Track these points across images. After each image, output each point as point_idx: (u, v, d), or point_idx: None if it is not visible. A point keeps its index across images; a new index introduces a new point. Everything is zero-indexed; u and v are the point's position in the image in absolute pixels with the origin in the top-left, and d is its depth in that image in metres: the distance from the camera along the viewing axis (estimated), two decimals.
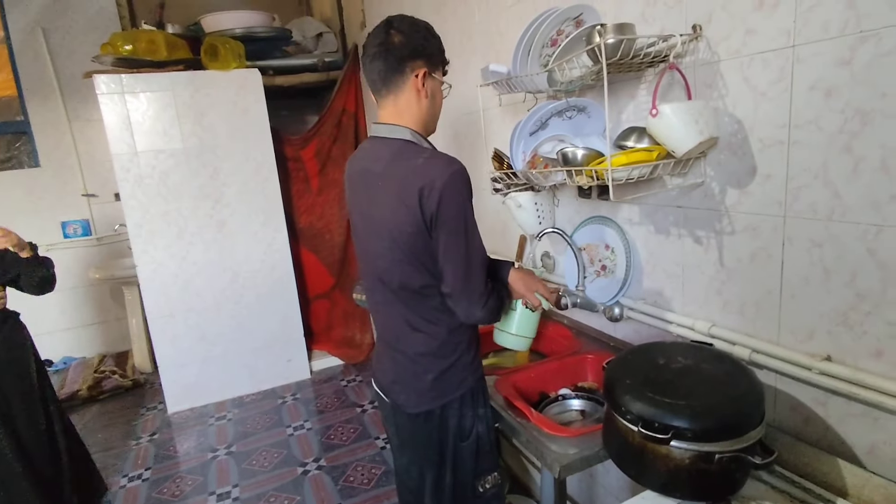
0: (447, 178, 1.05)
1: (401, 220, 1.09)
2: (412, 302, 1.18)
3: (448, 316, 1.18)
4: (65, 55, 3.65)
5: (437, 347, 1.20)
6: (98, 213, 3.89)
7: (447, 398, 1.22)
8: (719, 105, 1.11)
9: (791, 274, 1.04)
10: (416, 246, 1.10)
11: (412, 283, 1.15)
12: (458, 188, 1.07)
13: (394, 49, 1.12)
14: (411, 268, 1.13)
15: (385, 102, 1.18)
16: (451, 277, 1.11)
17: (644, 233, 1.40)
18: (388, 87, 1.15)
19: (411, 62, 1.13)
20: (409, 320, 1.20)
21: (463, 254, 1.10)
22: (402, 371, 1.24)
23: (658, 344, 1.17)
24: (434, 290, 1.16)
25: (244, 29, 3.11)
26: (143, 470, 2.57)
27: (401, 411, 1.27)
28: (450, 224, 1.07)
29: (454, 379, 1.22)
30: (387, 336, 1.28)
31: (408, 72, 1.14)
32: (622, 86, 1.35)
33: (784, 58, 0.99)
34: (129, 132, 2.84)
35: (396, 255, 1.13)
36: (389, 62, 1.12)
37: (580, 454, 1.09)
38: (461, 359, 1.22)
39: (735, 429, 0.89)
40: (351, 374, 3.47)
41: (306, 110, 4.17)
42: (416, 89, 1.15)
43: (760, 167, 1.06)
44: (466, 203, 1.09)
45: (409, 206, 1.07)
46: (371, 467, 2.44)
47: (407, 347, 1.22)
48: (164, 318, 3.04)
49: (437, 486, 1.29)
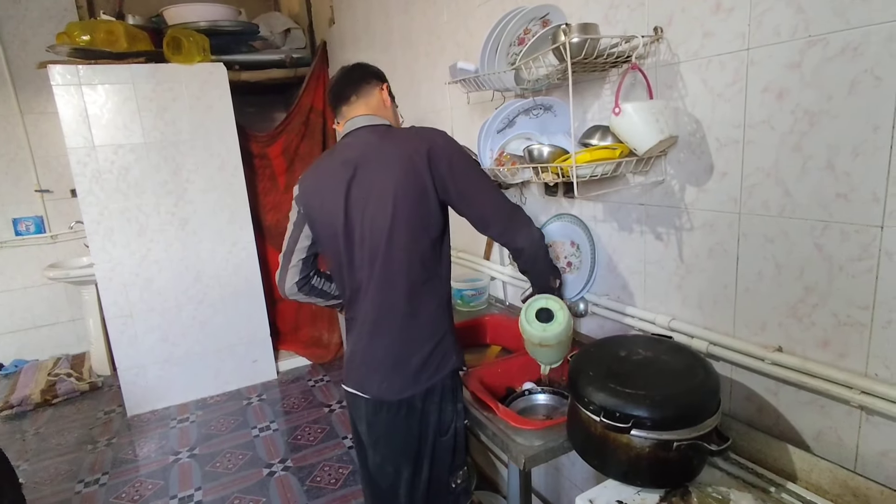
0: (443, 138, 1.21)
1: (407, 181, 1.16)
2: (408, 278, 1.21)
3: (439, 292, 1.26)
4: (17, 45, 3.50)
5: (425, 326, 1.24)
6: (52, 210, 3.74)
7: (432, 381, 1.24)
8: (679, 105, 1.15)
9: (745, 268, 1.08)
10: (418, 212, 1.17)
11: (410, 257, 1.20)
12: (456, 144, 1.23)
13: (359, 72, 1.33)
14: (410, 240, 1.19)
15: (354, 107, 1.30)
16: (496, 212, 1.21)
17: (608, 230, 1.43)
18: (358, 94, 1.30)
19: (375, 80, 1.33)
20: (401, 301, 1.23)
21: (492, 190, 1.22)
22: (387, 358, 1.25)
23: (620, 337, 1.20)
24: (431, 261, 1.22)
25: (209, 22, 3.03)
26: (101, 475, 2.48)
27: (381, 405, 1.26)
28: (466, 172, 1.19)
29: (440, 358, 1.25)
30: (368, 324, 1.27)
31: (374, 84, 1.32)
32: (587, 85, 1.38)
33: (739, 60, 1.02)
34: (87, 125, 2.74)
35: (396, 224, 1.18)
36: (356, 80, 1.31)
37: (545, 446, 1.11)
38: (445, 337, 1.26)
39: (692, 417, 0.92)
40: (318, 374, 3.43)
41: (273, 107, 4.11)
42: (382, 99, 1.32)
43: (717, 165, 1.10)
44: (467, 153, 1.24)
45: (415, 168, 1.16)
46: (338, 467, 2.42)
47: (393, 332, 1.24)
48: (124, 319, 2.94)
49: (412, 482, 1.29)
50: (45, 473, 2.52)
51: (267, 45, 3.58)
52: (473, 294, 1.94)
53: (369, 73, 1.33)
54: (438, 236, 1.23)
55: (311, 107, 3.42)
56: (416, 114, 2.34)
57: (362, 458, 1.40)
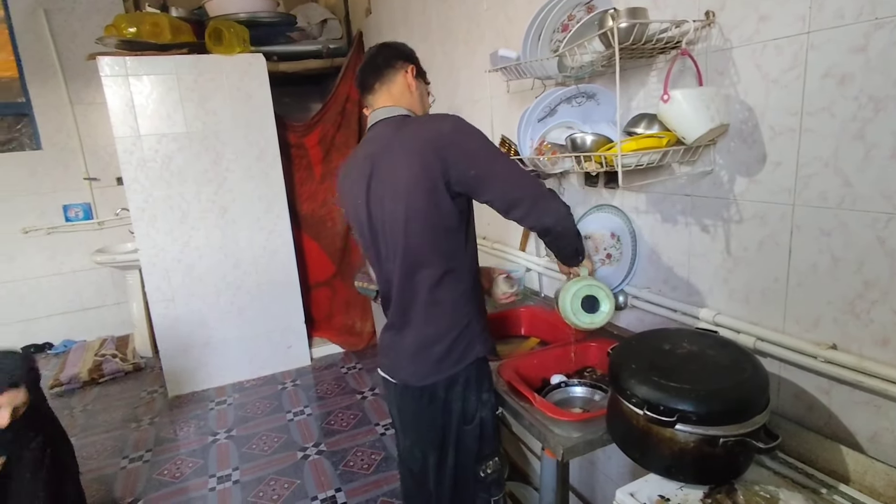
0: (452, 124, 1.15)
1: (416, 175, 1.13)
2: (426, 269, 1.20)
3: (462, 280, 1.24)
4: (67, 37, 3.63)
5: (449, 315, 1.23)
6: (99, 197, 3.89)
7: (455, 369, 1.23)
8: (731, 92, 1.11)
9: (798, 262, 1.04)
10: (431, 205, 1.14)
11: (426, 247, 1.18)
12: (465, 127, 1.16)
13: (385, 55, 1.28)
14: (426, 230, 1.17)
15: (378, 96, 1.28)
16: (519, 191, 1.13)
17: (650, 221, 1.40)
18: (381, 81, 1.26)
19: (401, 62, 1.28)
20: (423, 290, 1.22)
21: (511, 168, 1.14)
22: (412, 346, 1.26)
23: (663, 331, 1.17)
24: (450, 251, 1.20)
25: (248, 14, 3.09)
26: (144, 451, 2.59)
27: (406, 390, 1.28)
28: (480, 156, 1.13)
29: (464, 346, 1.24)
30: (397, 312, 1.29)
31: (398, 67, 1.27)
32: (633, 73, 1.35)
33: (798, 44, 0.98)
34: (133, 115, 2.83)
35: (411, 216, 1.16)
36: (381, 63, 1.27)
37: (583, 438, 1.10)
38: (471, 326, 1.25)
39: (740, 413, 0.89)
40: (351, 361, 3.48)
41: (309, 97, 4.16)
42: (406, 83, 1.27)
43: (770, 155, 1.06)
44: (481, 135, 1.16)
45: (424, 161, 1.12)
46: (371, 453, 2.46)
47: (418, 319, 1.25)
48: (166, 303, 3.05)
49: (439, 468, 1.31)
50: (92, 448, 2.64)
51: (304, 35, 3.61)
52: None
53: (394, 56, 1.28)
54: (456, 227, 1.20)
55: (347, 97, 3.44)
56: (455, 103, 2.33)
57: (398, 440, 1.44)
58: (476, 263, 1.30)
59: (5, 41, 3.60)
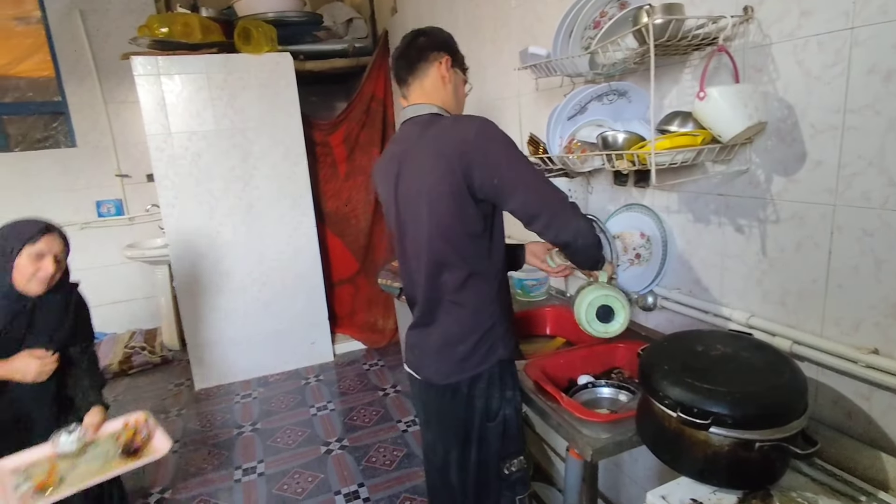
0: (476, 128, 1.11)
1: (439, 180, 1.12)
2: (450, 271, 1.20)
3: (487, 284, 1.22)
4: (101, 37, 3.73)
5: (472, 316, 1.22)
6: (130, 194, 3.98)
7: (477, 370, 1.23)
8: (769, 89, 1.08)
9: (839, 264, 1.01)
10: (455, 210, 1.13)
11: (450, 250, 1.17)
12: (490, 132, 1.12)
13: (420, 44, 1.24)
14: (450, 234, 1.16)
15: (412, 90, 1.26)
16: (538, 205, 1.11)
17: (682, 221, 1.38)
18: (414, 74, 1.24)
19: (435, 52, 1.23)
20: (447, 291, 1.22)
21: (534, 179, 1.11)
22: (436, 344, 1.26)
23: (695, 332, 1.15)
24: (474, 256, 1.18)
25: (276, 13, 3.13)
26: (173, 443, 2.64)
27: (431, 386, 1.29)
28: (502, 163, 1.10)
29: (485, 349, 1.23)
30: (421, 313, 1.30)
31: (432, 59, 1.23)
32: (666, 70, 1.33)
33: (841, 40, 0.95)
34: (164, 113, 2.89)
35: (434, 222, 1.16)
36: (414, 53, 1.23)
37: (613, 439, 1.08)
38: (493, 329, 1.23)
39: (778, 417, 0.87)
40: (373, 358, 3.50)
41: (334, 96, 4.19)
42: (440, 76, 1.24)
43: (811, 153, 1.03)
44: (506, 140, 1.12)
45: (448, 165, 1.10)
46: (393, 449, 2.47)
47: (442, 319, 1.25)
48: (193, 297, 3.11)
49: (461, 464, 1.31)
50: None
51: (330, 34, 3.65)
52: (534, 284, 1.92)
53: (428, 47, 1.23)
54: (481, 232, 1.18)
55: (372, 95, 3.46)
56: (482, 101, 2.33)
57: (422, 435, 1.44)
58: (503, 266, 1.27)
59: (42, 42, 3.71)
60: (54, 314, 1.56)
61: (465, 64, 1.31)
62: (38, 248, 1.46)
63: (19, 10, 3.71)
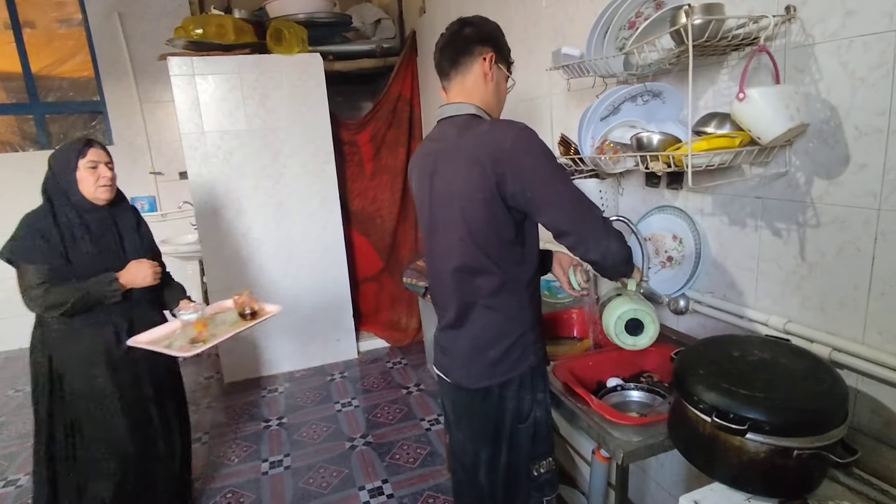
0: (514, 136, 1.08)
1: (472, 187, 1.11)
2: (482, 276, 1.18)
3: (519, 291, 1.20)
4: (138, 39, 3.84)
5: (503, 323, 1.21)
6: (163, 191, 4.08)
7: (508, 376, 1.22)
8: (811, 91, 1.06)
9: (883, 270, 0.99)
10: (488, 216, 1.12)
11: (482, 256, 1.16)
12: (528, 141, 1.09)
13: (465, 36, 1.20)
14: (482, 240, 1.15)
15: (453, 85, 1.23)
16: (568, 222, 1.09)
17: (716, 224, 1.36)
18: (457, 69, 1.21)
19: (480, 46, 1.19)
20: (478, 296, 1.20)
21: (567, 195, 1.08)
22: (465, 348, 1.25)
23: (731, 336, 1.14)
24: (506, 263, 1.17)
25: (307, 14, 3.17)
26: (202, 434, 2.71)
27: (460, 388, 1.28)
28: (537, 176, 1.07)
29: (516, 356, 1.22)
30: (450, 316, 1.28)
31: (476, 54, 1.19)
32: (702, 70, 1.31)
33: (886, 41, 0.93)
34: (198, 113, 2.96)
35: (466, 228, 1.14)
36: (458, 46, 1.19)
37: (644, 442, 1.08)
38: (525, 336, 1.22)
39: (817, 425, 0.86)
40: (396, 356, 3.53)
41: (360, 96, 4.23)
42: (482, 72, 1.20)
43: (854, 156, 1.01)
44: (544, 151, 1.09)
45: (482, 172, 1.09)
46: (416, 447, 2.49)
47: (472, 324, 1.23)
48: (223, 292, 3.16)
49: (491, 464, 1.30)
50: None
51: (359, 35, 3.69)
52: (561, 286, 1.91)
53: (474, 40, 1.19)
54: (513, 239, 1.16)
55: (399, 95, 3.49)
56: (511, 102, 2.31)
57: (450, 433, 1.44)
58: (535, 273, 1.25)
59: (83, 44, 3.85)
60: (132, 227, 1.77)
61: (511, 58, 1.27)
62: (90, 158, 1.61)
63: (62, 13, 3.85)
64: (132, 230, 1.77)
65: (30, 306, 1.59)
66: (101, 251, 1.66)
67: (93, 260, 1.63)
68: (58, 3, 3.82)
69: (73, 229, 1.61)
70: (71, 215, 1.61)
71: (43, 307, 1.57)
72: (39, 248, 1.55)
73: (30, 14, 3.80)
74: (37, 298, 1.56)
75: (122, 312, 1.71)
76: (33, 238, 1.55)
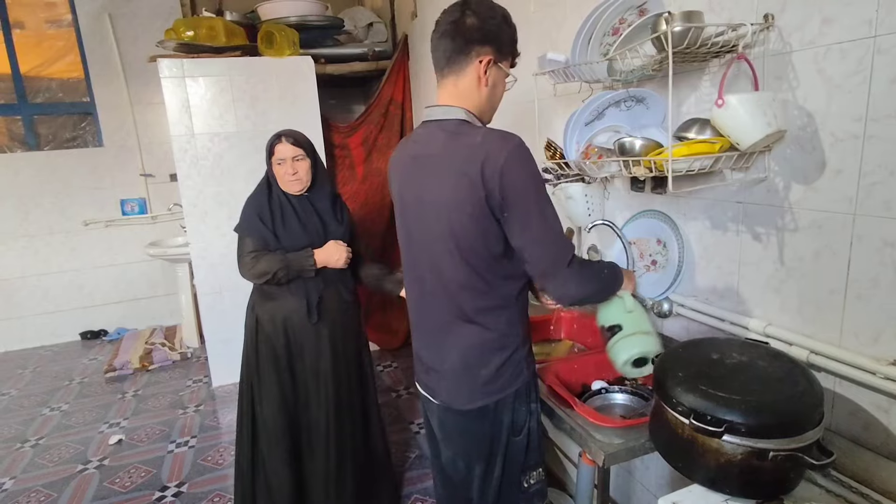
0: (507, 153, 1.01)
1: (460, 200, 1.05)
2: (469, 291, 1.12)
3: (508, 307, 1.15)
4: (129, 40, 3.83)
5: (493, 340, 1.15)
6: (153, 193, 4.07)
7: (502, 394, 1.17)
8: (788, 97, 1.08)
9: (858, 274, 1.00)
10: (476, 230, 1.06)
11: (470, 271, 1.10)
12: (520, 162, 1.03)
13: (464, 30, 1.08)
14: (470, 254, 1.09)
15: (445, 83, 1.14)
16: (535, 258, 1.07)
17: (699, 228, 1.38)
18: (451, 67, 1.12)
19: (478, 46, 1.09)
20: (465, 312, 1.14)
21: (541, 231, 1.05)
22: (453, 367, 1.18)
23: (711, 339, 1.15)
24: (494, 278, 1.11)
25: (298, 17, 3.18)
26: (189, 437, 2.70)
27: (448, 408, 1.22)
28: (520, 200, 1.03)
29: (510, 373, 1.17)
30: (434, 330, 1.22)
31: (472, 55, 1.09)
32: (684, 77, 1.33)
33: (864, 48, 0.95)
34: (188, 115, 2.96)
35: (454, 242, 1.09)
36: (457, 42, 1.09)
37: (625, 445, 1.09)
38: (517, 352, 1.17)
39: (792, 427, 0.87)
40: (386, 359, 3.52)
41: (352, 99, 4.24)
42: (477, 75, 1.11)
43: (830, 162, 1.02)
44: (533, 174, 1.05)
45: (470, 186, 1.03)
46: (405, 451, 2.48)
47: (459, 341, 1.16)
48: (213, 295, 3.16)
49: (484, 479, 1.24)
50: (142, 431, 2.77)
51: (351, 38, 3.70)
52: None
53: (473, 39, 1.08)
54: (502, 252, 1.10)
55: (390, 99, 3.50)
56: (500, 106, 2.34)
57: (434, 448, 1.37)
58: (524, 287, 1.19)
59: (73, 44, 3.83)
60: (328, 211, 1.86)
61: (516, 51, 1.18)
62: (277, 156, 1.75)
63: (51, 13, 3.83)
64: (329, 214, 1.86)
65: (242, 272, 1.79)
66: (305, 230, 1.80)
67: (297, 238, 1.79)
68: (47, 4, 3.80)
69: (283, 209, 1.79)
70: (282, 198, 1.80)
71: (252, 274, 1.76)
72: (254, 224, 1.77)
73: (19, 14, 3.78)
74: (247, 265, 1.76)
75: (315, 286, 1.82)
76: (251, 215, 1.79)
